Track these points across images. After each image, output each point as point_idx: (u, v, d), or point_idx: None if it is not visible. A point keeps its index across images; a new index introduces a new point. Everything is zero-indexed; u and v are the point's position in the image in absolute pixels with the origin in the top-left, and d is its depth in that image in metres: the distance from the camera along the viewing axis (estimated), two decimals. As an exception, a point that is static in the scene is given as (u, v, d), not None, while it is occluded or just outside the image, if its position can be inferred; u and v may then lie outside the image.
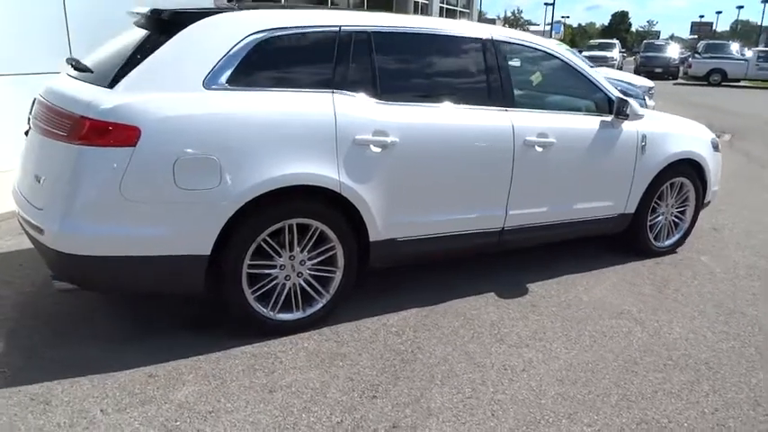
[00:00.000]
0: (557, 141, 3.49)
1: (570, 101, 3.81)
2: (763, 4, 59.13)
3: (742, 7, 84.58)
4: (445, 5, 21.23)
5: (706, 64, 24.50)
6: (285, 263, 2.91)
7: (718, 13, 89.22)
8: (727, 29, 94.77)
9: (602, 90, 3.80)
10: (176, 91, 2.59)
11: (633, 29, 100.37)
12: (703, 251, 4.42)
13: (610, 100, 3.79)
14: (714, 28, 78.18)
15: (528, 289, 3.62)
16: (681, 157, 4.08)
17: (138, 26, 2.98)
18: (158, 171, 2.52)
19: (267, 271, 2.87)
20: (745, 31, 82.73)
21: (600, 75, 3.84)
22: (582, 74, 3.77)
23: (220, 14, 2.77)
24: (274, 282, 2.91)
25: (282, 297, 2.94)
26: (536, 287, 3.65)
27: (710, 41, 31.69)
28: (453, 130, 3.20)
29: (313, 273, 3.00)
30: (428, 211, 3.21)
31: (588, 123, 3.69)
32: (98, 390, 2.46)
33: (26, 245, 3.86)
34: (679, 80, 25.72)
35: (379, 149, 2.96)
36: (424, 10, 18.89)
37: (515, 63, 3.56)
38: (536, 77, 3.68)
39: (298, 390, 2.53)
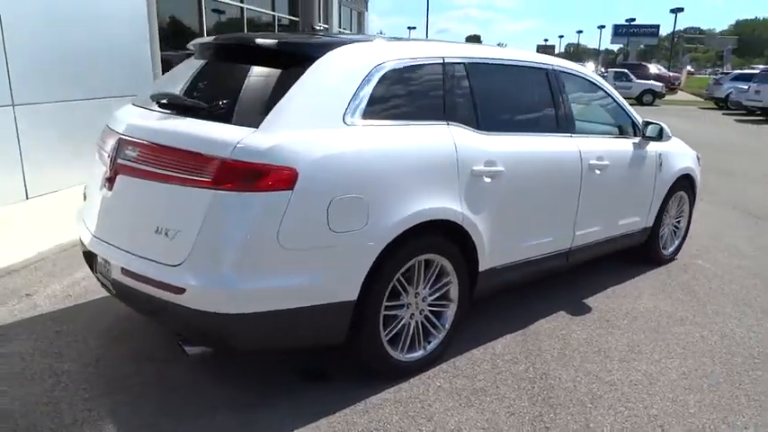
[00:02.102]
0: (610, 163, 3.74)
1: (608, 125, 4.09)
2: (599, 30, 67.30)
3: (581, 32, 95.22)
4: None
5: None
6: (411, 301, 2.80)
7: (561, 36, 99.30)
8: (563, 51, 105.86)
9: (629, 115, 4.14)
10: (320, 128, 2.42)
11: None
12: (695, 256, 4.93)
13: (635, 124, 4.14)
14: (557, 51, 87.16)
15: (588, 304, 3.80)
16: (683, 172, 4.54)
17: (233, 58, 2.72)
18: (314, 215, 2.33)
19: (395, 312, 2.75)
20: (576, 53, 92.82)
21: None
22: (615, 100, 4.08)
23: (346, 46, 2.63)
24: (402, 322, 2.79)
25: (409, 337, 2.83)
26: (593, 302, 3.84)
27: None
28: (543, 156, 3.32)
29: (431, 309, 2.93)
30: (521, 237, 3.28)
31: (625, 146, 4.00)
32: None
33: (44, 309, 3.35)
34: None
35: (489, 179, 2.97)
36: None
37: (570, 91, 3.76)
38: (584, 104, 3.91)
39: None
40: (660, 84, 26.30)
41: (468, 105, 3.01)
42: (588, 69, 4.05)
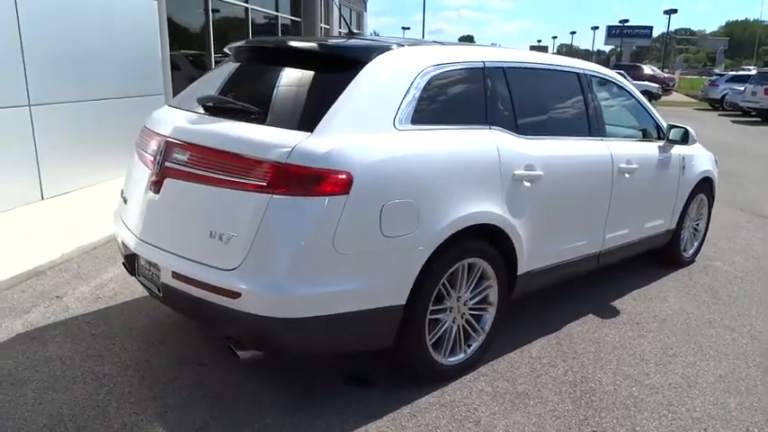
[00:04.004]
0: (638, 167, 3.76)
1: (634, 128, 4.12)
2: (592, 31, 67.65)
3: (575, 32, 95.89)
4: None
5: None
6: (453, 305, 2.81)
7: (554, 37, 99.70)
8: (555, 52, 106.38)
9: (653, 118, 4.17)
10: (373, 132, 2.42)
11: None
12: (713, 258, 4.97)
13: (659, 127, 4.17)
14: (550, 51, 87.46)
15: (616, 307, 3.83)
16: (704, 175, 4.58)
17: (276, 62, 2.72)
18: (368, 219, 2.33)
19: (438, 316, 2.76)
20: (569, 54, 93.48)
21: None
22: (640, 102, 4.11)
23: (395, 50, 2.63)
24: (444, 325, 2.80)
25: (451, 340, 2.84)
26: (621, 304, 3.87)
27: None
28: (578, 160, 3.34)
29: (471, 312, 2.94)
30: (557, 241, 3.30)
31: (651, 149, 4.02)
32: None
33: (76, 311, 3.34)
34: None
35: (528, 183, 2.98)
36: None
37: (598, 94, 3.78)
38: (610, 106, 3.93)
39: (520, 435, 2.47)
40: (656, 85, 26.43)
41: (508, 109, 3.02)
42: (612, 72, 4.08)
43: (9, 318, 3.28)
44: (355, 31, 4.08)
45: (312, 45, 2.66)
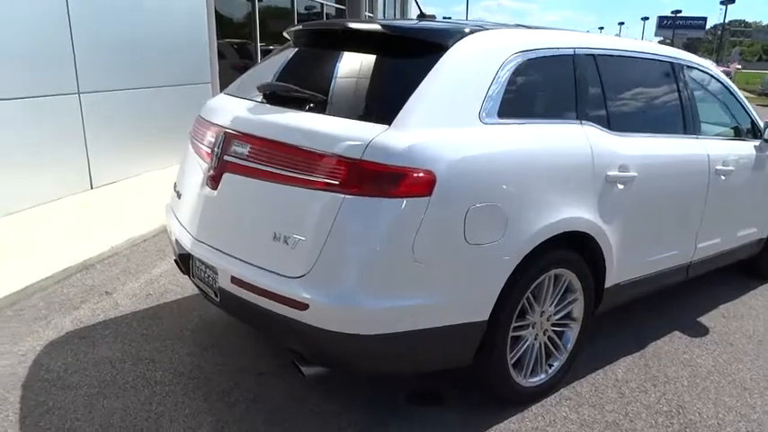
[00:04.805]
0: (734, 169, 3.38)
1: (726, 125, 3.72)
2: (642, 22, 65.56)
3: (623, 23, 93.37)
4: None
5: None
6: (536, 320, 2.52)
7: (601, 28, 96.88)
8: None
9: (750, 114, 3.75)
10: (457, 126, 2.14)
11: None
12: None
13: (755, 124, 3.75)
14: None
15: (704, 324, 3.46)
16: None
17: (344, 47, 2.46)
18: (451, 225, 2.06)
19: (520, 333, 2.47)
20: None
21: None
22: (736, 97, 3.70)
23: (479, 34, 2.33)
24: (526, 343, 2.52)
25: (533, 359, 2.55)
26: (708, 321, 3.49)
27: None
28: (674, 161, 2.99)
29: (554, 329, 2.64)
30: (647, 251, 2.96)
31: (746, 149, 3.62)
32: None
33: (126, 309, 3.17)
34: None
35: (621, 186, 2.66)
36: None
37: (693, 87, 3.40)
38: (705, 101, 3.55)
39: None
40: None
41: (600, 102, 2.70)
42: (710, 63, 3.68)
43: (59, 314, 3.14)
44: (427, 14, 3.77)
45: (386, 27, 2.39)
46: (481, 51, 2.29)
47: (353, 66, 2.39)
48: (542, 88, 2.51)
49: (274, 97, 2.42)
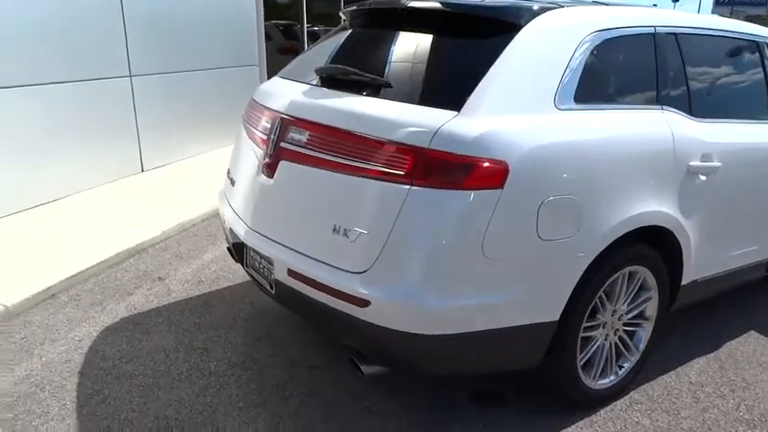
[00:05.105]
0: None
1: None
2: (673, 3, 62.70)
3: (656, 5, 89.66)
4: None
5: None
6: (607, 320, 2.36)
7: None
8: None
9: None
10: (530, 112, 1.98)
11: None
12: None
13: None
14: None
15: (781, 323, 3.23)
16: None
17: (406, 27, 2.31)
18: (523, 219, 1.91)
19: (590, 333, 2.32)
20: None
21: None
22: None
23: (554, 11, 2.15)
24: (596, 343, 2.36)
25: (603, 360, 2.40)
26: (787, 320, 3.26)
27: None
28: (759, 149, 2.75)
29: (625, 328, 2.47)
30: (728, 247, 2.74)
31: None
32: None
33: (178, 295, 3.15)
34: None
35: (704, 177, 2.45)
36: None
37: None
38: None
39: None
40: None
41: (682, 86, 2.48)
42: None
43: (113, 300, 3.14)
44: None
45: (451, 5, 2.23)
46: (557, 31, 2.11)
47: (416, 47, 2.24)
48: (621, 71, 2.31)
49: (332, 81, 2.30)
